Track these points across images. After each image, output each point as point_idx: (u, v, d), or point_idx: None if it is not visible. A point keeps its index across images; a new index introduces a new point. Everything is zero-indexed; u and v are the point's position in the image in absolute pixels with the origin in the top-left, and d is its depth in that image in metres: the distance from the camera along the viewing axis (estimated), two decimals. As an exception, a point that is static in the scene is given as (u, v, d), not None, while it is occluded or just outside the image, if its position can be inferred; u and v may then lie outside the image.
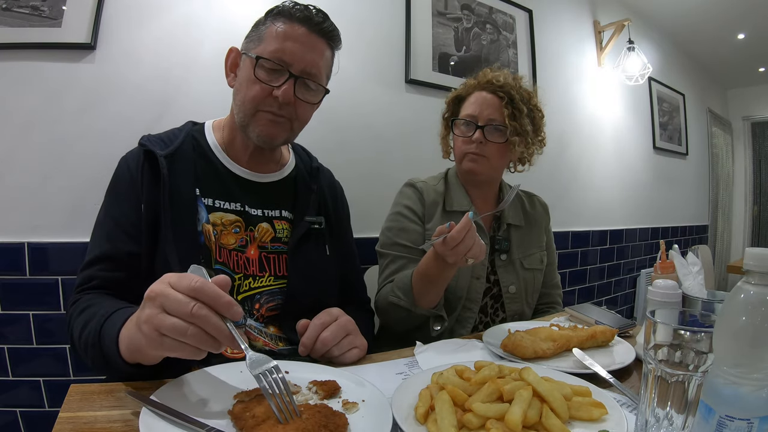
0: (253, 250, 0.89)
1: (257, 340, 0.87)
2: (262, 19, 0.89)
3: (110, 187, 0.87)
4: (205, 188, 0.87)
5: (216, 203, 0.88)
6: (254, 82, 0.84)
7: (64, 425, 0.53)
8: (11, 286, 1.26)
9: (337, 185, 1.11)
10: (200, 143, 0.92)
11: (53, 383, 1.30)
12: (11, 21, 1.26)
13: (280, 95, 0.83)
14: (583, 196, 2.84)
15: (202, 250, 0.83)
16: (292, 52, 0.84)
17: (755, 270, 0.41)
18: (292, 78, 0.84)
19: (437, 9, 2.05)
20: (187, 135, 0.91)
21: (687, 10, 3.19)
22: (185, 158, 0.87)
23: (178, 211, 0.82)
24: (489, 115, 1.16)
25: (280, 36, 0.84)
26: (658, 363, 0.48)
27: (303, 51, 0.85)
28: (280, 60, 0.84)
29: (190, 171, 0.86)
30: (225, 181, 0.90)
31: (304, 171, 1.02)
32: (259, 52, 0.84)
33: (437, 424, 0.53)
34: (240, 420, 0.52)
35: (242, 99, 0.87)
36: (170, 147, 0.87)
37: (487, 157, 1.17)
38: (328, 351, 0.77)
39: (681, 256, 1.09)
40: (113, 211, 0.84)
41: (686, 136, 3.87)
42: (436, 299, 1.03)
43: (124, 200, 0.83)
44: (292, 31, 0.84)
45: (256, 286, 0.88)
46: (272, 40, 0.84)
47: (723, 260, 4.62)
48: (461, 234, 0.87)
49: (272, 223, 0.92)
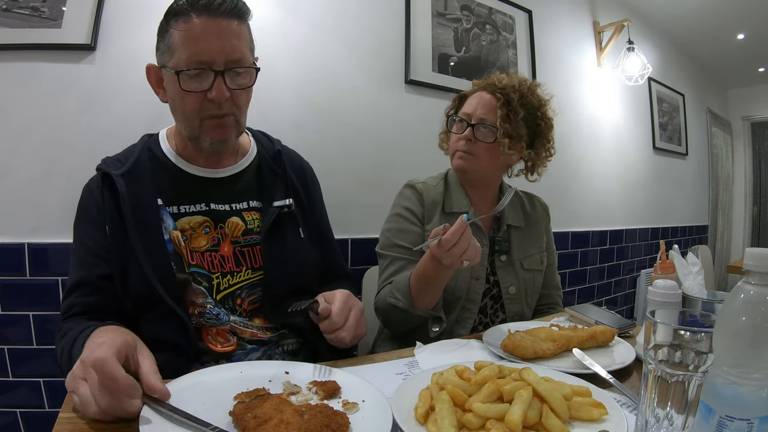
0: (226, 247, 0.89)
1: (244, 333, 0.88)
2: (164, 24, 0.82)
3: (77, 216, 0.89)
4: (166, 197, 0.87)
5: (181, 209, 0.88)
6: (185, 95, 0.81)
7: (64, 425, 0.53)
8: (11, 286, 1.27)
9: (305, 165, 1.08)
10: (155, 154, 0.92)
11: (53, 383, 1.30)
12: (11, 22, 1.26)
13: (214, 97, 0.80)
14: (583, 196, 2.84)
15: (173, 257, 0.84)
16: (208, 49, 0.78)
17: (755, 270, 0.41)
18: (219, 74, 0.80)
19: (437, 9, 2.05)
20: (143, 148, 0.91)
21: (687, 10, 3.19)
22: (142, 172, 0.87)
23: (142, 225, 0.83)
24: (482, 114, 1.17)
25: (187, 39, 0.78)
26: (658, 363, 0.48)
27: (217, 42, 0.79)
28: (199, 64, 0.79)
29: (149, 183, 0.87)
30: (185, 185, 0.90)
31: (267, 156, 1.00)
32: (175, 63, 0.80)
33: (437, 424, 0.53)
34: (242, 420, 0.52)
35: (182, 113, 0.85)
36: (125, 165, 0.87)
37: (476, 156, 1.17)
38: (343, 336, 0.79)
39: (681, 257, 1.09)
40: (82, 238, 0.86)
41: (686, 136, 3.87)
42: (434, 301, 1.03)
43: (90, 226, 0.85)
44: (194, 28, 0.78)
45: (235, 282, 0.89)
46: (180, 45, 0.79)
47: (723, 260, 4.62)
48: (455, 236, 0.87)
49: (242, 216, 0.92)
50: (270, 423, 0.50)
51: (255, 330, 0.89)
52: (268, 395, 0.59)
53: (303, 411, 0.54)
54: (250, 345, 0.88)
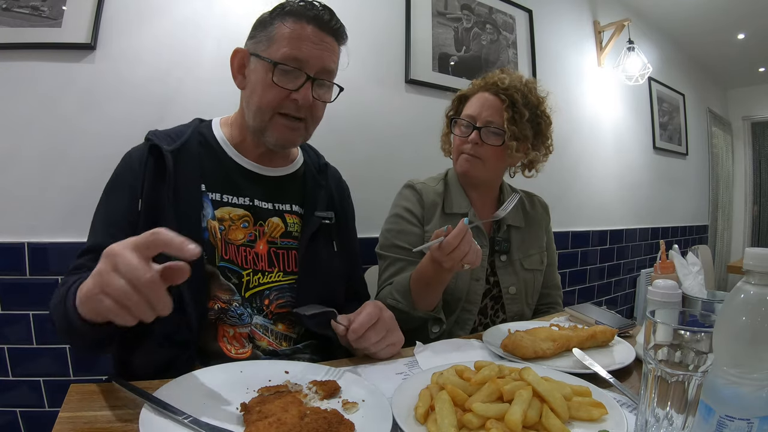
0: (262, 245, 0.89)
1: (262, 340, 0.86)
2: (267, 17, 0.87)
3: (111, 181, 0.87)
4: (211, 183, 0.87)
5: (223, 197, 0.87)
6: (271, 86, 0.83)
7: (64, 425, 0.53)
8: (11, 286, 1.26)
9: (345, 184, 1.12)
10: (207, 139, 0.92)
11: (53, 383, 1.30)
12: (11, 21, 1.26)
13: (300, 98, 0.84)
14: (583, 196, 2.83)
15: (206, 246, 0.83)
16: (309, 53, 0.83)
17: (755, 270, 0.41)
18: (310, 80, 0.84)
19: (437, 9, 2.05)
20: (194, 131, 0.91)
21: (687, 10, 3.19)
22: (191, 154, 0.87)
23: (181, 206, 0.81)
24: (488, 116, 1.15)
25: (294, 37, 0.83)
26: (658, 363, 0.47)
27: (317, 51, 0.84)
28: (296, 62, 0.83)
29: (197, 166, 0.86)
30: (233, 176, 0.90)
31: (313, 168, 1.02)
32: (271, 54, 0.83)
33: (437, 424, 0.53)
34: (249, 413, 0.52)
35: (258, 103, 0.85)
36: (177, 142, 0.86)
37: (482, 159, 1.16)
38: (369, 347, 0.78)
39: (681, 256, 1.09)
40: (110, 205, 0.84)
41: (686, 136, 3.87)
42: (434, 302, 1.03)
43: (123, 194, 0.83)
44: (303, 31, 0.83)
45: (265, 282, 0.88)
46: (285, 41, 0.83)
47: (723, 260, 4.62)
48: (457, 240, 0.87)
49: (283, 217, 0.92)
50: (266, 420, 0.50)
51: (273, 338, 0.88)
52: (286, 393, 0.60)
53: (306, 413, 0.53)
54: (265, 355, 0.86)
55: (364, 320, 0.78)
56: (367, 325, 0.78)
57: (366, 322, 0.78)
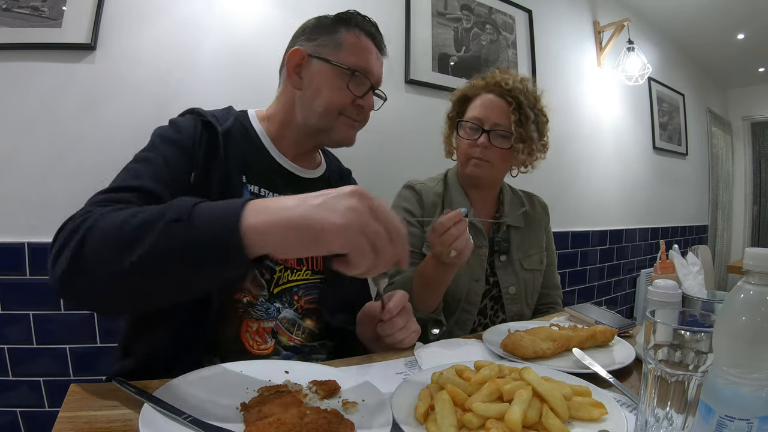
0: None
1: (284, 335, 0.88)
2: (331, 24, 0.91)
3: (164, 132, 0.82)
4: (251, 175, 0.87)
5: (261, 191, 0.88)
6: (342, 90, 0.88)
7: (64, 425, 0.53)
8: (11, 286, 1.26)
9: None
10: (248, 130, 0.92)
11: (53, 383, 1.30)
12: (11, 21, 1.26)
13: (365, 105, 0.91)
14: (582, 196, 2.84)
15: None
16: (372, 65, 0.91)
17: (755, 270, 0.41)
18: (372, 88, 0.92)
19: (437, 9, 2.05)
20: (236, 119, 0.90)
21: (687, 10, 3.19)
22: (236, 141, 0.86)
23: (226, 192, 0.79)
24: (495, 119, 1.14)
25: (362, 48, 0.90)
26: (658, 363, 0.47)
27: (378, 64, 0.93)
28: (364, 71, 0.89)
29: (240, 155, 0.86)
30: (271, 172, 0.91)
31: (335, 173, 1.06)
32: (341, 60, 0.88)
33: (437, 424, 0.53)
34: (249, 413, 0.52)
35: (324, 104, 0.88)
36: (225, 125, 0.85)
37: (491, 163, 1.16)
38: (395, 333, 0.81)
39: (681, 256, 1.09)
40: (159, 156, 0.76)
41: (686, 136, 3.87)
42: (434, 303, 1.04)
43: (178, 152, 0.78)
44: (368, 44, 0.91)
45: (294, 279, 0.90)
46: (355, 49, 0.89)
47: (723, 260, 4.62)
48: (449, 222, 0.89)
49: None
50: (265, 421, 0.50)
51: (299, 333, 0.89)
52: (286, 392, 0.60)
53: (306, 413, 0.53)
54: (285, 351, 0.88)
55: (399, 302, 0.81)
56: (400, 306, 0.81)
57: (399, 304, 0.81)
